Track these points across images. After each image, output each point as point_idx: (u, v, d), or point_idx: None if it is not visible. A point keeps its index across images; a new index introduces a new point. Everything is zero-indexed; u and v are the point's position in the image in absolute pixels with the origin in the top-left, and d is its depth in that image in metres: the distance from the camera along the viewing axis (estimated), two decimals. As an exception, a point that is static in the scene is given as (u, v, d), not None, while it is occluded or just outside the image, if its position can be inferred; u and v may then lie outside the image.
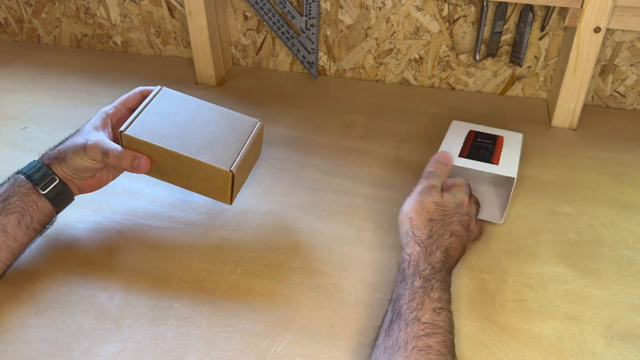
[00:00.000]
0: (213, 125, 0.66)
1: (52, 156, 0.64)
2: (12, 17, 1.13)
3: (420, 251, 0.56)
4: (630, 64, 0.89)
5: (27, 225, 0.61)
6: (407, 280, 0.53)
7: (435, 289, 0.53)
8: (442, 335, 0.49)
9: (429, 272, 0.54)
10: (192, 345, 0.57)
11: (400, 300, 0.52)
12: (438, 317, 0.51)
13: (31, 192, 0.62)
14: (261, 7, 0.95)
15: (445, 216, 0.59)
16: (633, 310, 0.60)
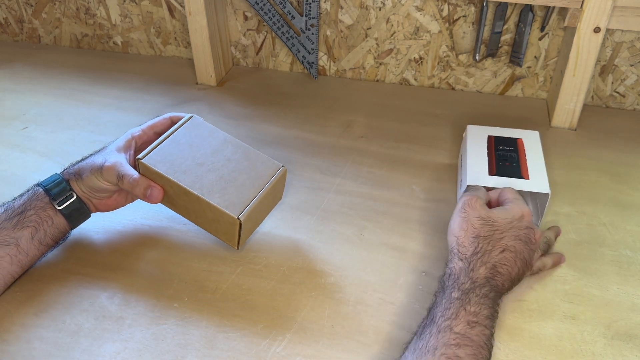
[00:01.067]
0: (234, 164, 0.64)
1: (71, 172, 0.64)
2: (12, 17, 1.13)
3: (462, 266, 0.55)
4: (630, 64, 0.89)
5: (39, 241, 0.61)
6: (445, 291, 0.54)
7: (472, 303, 0.52)
8: (474, 349, 0.49)
9: (468, 286, 0.53)
10: (192, 345, 0.57)
11: (436, 309, 0.52)
12: (472, 331, 0.50)
13: (48, 206, 0.61)
14: (261, 7, 0.95)
15: (495, 231, 0.57)
16: (633, 310, 0.60)
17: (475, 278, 0.54)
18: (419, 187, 0.77)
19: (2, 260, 0.59)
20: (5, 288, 0.61)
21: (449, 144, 0.85)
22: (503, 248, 0.56)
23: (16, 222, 0.60)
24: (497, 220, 0.58)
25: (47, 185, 0.62)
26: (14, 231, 0.59)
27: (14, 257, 0.59)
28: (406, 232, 0.70)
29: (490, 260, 0.55)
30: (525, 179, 0.67)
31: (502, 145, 0.72)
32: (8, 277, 0.60)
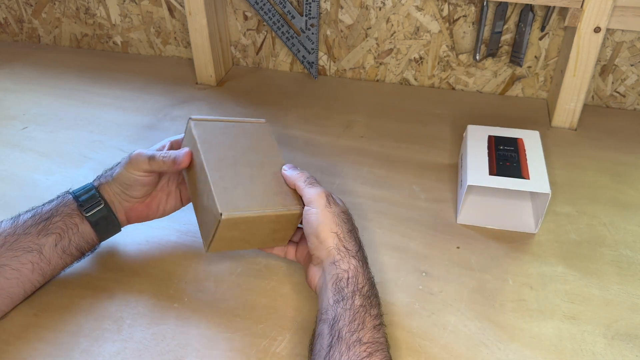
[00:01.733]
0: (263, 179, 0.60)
1: (102, 176, 0.63)
2: (12, 17, 1.13)
3: (357, 265, 0.53)
4: (630, 64, 0.89)
5: (63, 249, 0.59)
6: (345, 301, 0.50)
7: (374, 305, 0.51)
8: (383, 352, 0.48)
9: (368, 288, 0.52)
10: (192, 345, 0.57)
11: (340, 322, 0.49)
12: (378, 334, 0.49)
13: (75, 213, 0.60)
14: (261, 7, 0.95)
15: (354, 226, 0.57)
16: (633, 310, 0.60)
17: (369, 276, 0.53)
18: (419, 187, 0.77)
19: (24, 268, 0.57)
20: (25, 297, 0.60)
21: (449, 144, 0.85)
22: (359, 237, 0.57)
23: (42, 228, 0.58)
24: (347, 210, 0.57)
25: (77, 192, 0.61)
26: (38, 237, 0.57)
27: (36, 264, 0.58)
28: (406, 232, 0.70)
29: (365, 251, 0.56)
30: (526, 178, 0.67)
31: (502, 145, 0.72)
32: (28, 286, 0.59)
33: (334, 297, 0.51)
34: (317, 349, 0.49)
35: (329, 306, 0.51)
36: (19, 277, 0.57)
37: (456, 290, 0.62)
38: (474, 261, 0.66)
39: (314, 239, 0.55)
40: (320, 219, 0.55)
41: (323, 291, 0.53)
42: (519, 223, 0.70)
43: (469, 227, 0.71)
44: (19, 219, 0.59)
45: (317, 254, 0.55)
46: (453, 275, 0.64)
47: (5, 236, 0.57)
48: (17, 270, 0.56)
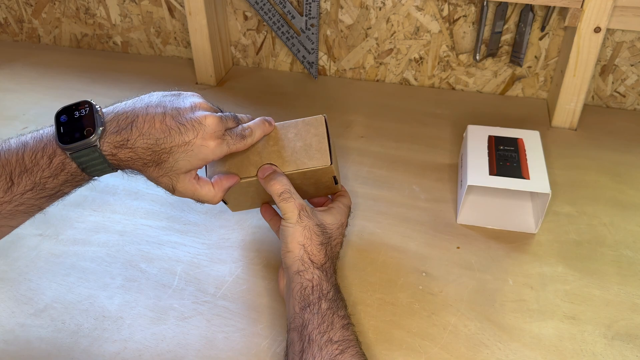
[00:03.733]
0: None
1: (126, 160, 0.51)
2: (12, 17, 1.13)
3: (321, 275, 0.54)
4: (631, 64, 0.89)
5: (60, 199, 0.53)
6: (312, 306, 0.51)
7: (340, 307, 0.52)
8: (355, 348, 0.49)
9: (333, 293, 0.53)
10: (192, 345, 0.57)
11: (309, 327, 0.50)
12: (347, 332, 0.50)
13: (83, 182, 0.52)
14: (261, 7, 0.95)
15: (330, 238, 0.58)
16: (633, 310, 0.60)
17: (335, 283, 0.55)
18: (419, 187, 0.77)
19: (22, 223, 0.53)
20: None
21: (449, 144, 0.85)
22: (337, 256, 0.59)
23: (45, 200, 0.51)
24: (330, 227, 0.58)
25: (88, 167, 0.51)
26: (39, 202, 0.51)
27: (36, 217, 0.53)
28: (406, 232, 0.70)
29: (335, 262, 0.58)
30: (526, 179, 0.67)
31: (502, 145, 0.72)
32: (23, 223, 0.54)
33: (300, 304, 0.52)
34: (290, 357, 0.50)
35: (296, 314, 0.52)
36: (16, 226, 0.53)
37: (456, 290, 0.62)
38: (474, 261, 0.66)
39: (283, 246, 0.56)
40: (289, 232, 0.56)
41: (288, 299, 0.55)
42: (519, 223, 0.70)
43: (469, 227, 0.71)
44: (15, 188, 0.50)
45: (284, 260, 0.56)
46: (453, 275, 0.64)
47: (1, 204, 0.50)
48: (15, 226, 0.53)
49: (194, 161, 0.53)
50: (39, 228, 0.70)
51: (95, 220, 0.72)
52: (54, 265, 0.66)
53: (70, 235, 0.70)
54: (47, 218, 0.72)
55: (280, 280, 0.59)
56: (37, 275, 0.64)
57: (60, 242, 0.69)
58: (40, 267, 0.65)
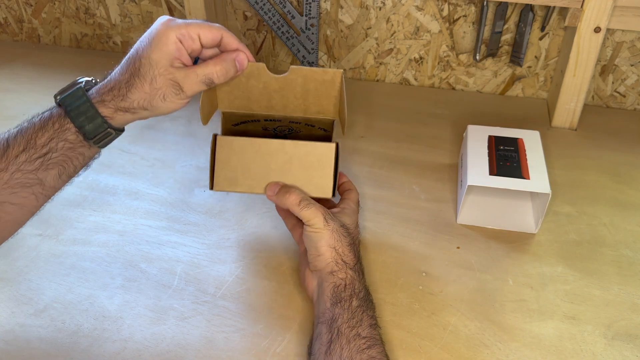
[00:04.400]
0: None
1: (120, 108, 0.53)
2: (12, 17, 1.13)
3: (354, 275, 0.55)
4: (631, 64, 0.89)
5: (68, 175, 0.55)
6: (343, 302, 0.53)
7: (370, 308, 0.54)
8: (380, 346, 0.51)
9: (364, 293, 0.55)
10: (192, 345, 0.57)
11: (339, 320, 0.51)
12: (374, 331, 0.52)
13: (79, 145, 0.53)
14: (261, 7, 0.95)
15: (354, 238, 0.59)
16: (633, 310, 0.60)
17: (365, 284, 0.56)
18: (419, 187, 0.77)
19: (26, 200, 0.53)
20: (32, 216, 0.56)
21: (449, 144, 0.85)
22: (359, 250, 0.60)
23: (39, 164, 0.51)
24: (350, 227, 0.59)
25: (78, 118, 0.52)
26: (36, 173, 0.52)
27: (39, 194, 0.53)
28: (406, 232, 0.70)
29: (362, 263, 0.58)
30: (526, 178, 0.67)
31: (502, 145, 0.72)
32: (34, 210, 0.55)
33: (331, 300, 0.53)
34: (317, 347, 0.51)
35: (327, 309, 0.53)
36: (22, 209, 0.53)
37: (456, 290, 0.62)
38: (474, 261, 0.66)
39: (313, 250, 0.57)
40: (318, 237, 0.56)
41: (320, 298, 0.55)
42: (519, 223, 0.70)
43: (469, 227, 0.71)
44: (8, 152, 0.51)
45: (315, 264, 0.57)
46: (453, 275, 0.64)
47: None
48: (19, 204, 0.52)
49: (161, 47, 0.53)
50: (39, 228, 0.70)
51: (95, 220, 0.72)
52: (54, 265, 0.66)
53: (70, 235, 0.70)
54: (47, 218, 0.72)
55: (309, 282, 0.58)
56: (37, 275, 0.64)
57: (60, 242, 0.69)
58: (40, 267, 0.65)
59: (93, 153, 0.57)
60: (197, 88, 0.56)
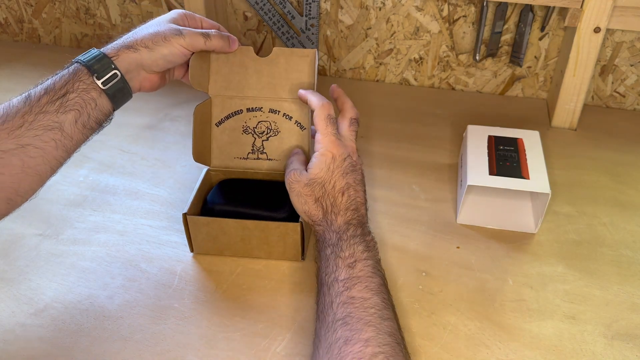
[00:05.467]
0: None
1: (123, 45, 0.59)
2: (12, 17, 1.13)
3: (322, 228, 0.57)
4: (630, 64, 0.89)
5: (83, 124, 0.57)
6: (320, 253, 0.56)
7: (344, 249, 0.54)
8: (363, 282, 0.51)
9: (335, 239, 0.56)
10: (192, 345, 0.57)
11: (320, 272, 0.54)
12: (353, 270, 0.52)
13: (91, 87, 0.57)
14: (261, 7, 0.95)
15: (324, 185, 0.58)
16: (633, 310, 0.60)
17: (336, 229, 0.56)
18: (419, 187, 0.77)
19: (47, 145, 0.55)
20: (52, 174, 0.58)
21: (449, 144, 0.85)
22: (342, 191, 0.58)
23: (59, 105, 0.56)
24: (318, 176, 0.58)
25: (88, 62, 0.58)
26: (57, 115, 0.55)
27: (58, 141, 0.56)
28: (406, 232, 0.70)
29: (340, 208, 0.57)
30: (526, 179, 0.67)
31: (502, 145, 0.72)
32: (54, 163, 0.57)
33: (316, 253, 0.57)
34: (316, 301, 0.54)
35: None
36: (43, 155, 0.55)
37: (456, 290, 0.62)
38: (474, 261, 0.66)
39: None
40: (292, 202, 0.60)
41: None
42: (519, 223, 0.71)
43: (469, 227, 0.71)
44: (32, 96, 0.57)
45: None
46: (453, 275, 0.64)
47: (23, 115, 0.55)
48: (41, 148, 0.55)
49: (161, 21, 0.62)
50: (39, 228, 0.70)
51: (95, 220, 0.72)
52: (54, 265, 0.66)
53: (70, 235, 0.70)
54: (47, 218, 0.72)
55: None
56: (37, 275, 0.64)
57: (60, 242, 0.69)
58: (41, 267, 0.65)
59: (105, 105, 0.59)
60: (195, 38, 0.61)
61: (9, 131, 0.54)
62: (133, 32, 0.61)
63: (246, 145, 0.68)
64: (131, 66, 0.60)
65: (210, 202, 0.66)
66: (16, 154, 0.54)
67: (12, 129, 0.54)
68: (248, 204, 0.65)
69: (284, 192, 0.65)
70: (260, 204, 0.65)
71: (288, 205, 0.64)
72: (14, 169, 0.54)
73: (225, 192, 0.67)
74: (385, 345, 0.47)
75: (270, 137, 0.68)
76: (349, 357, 0.46)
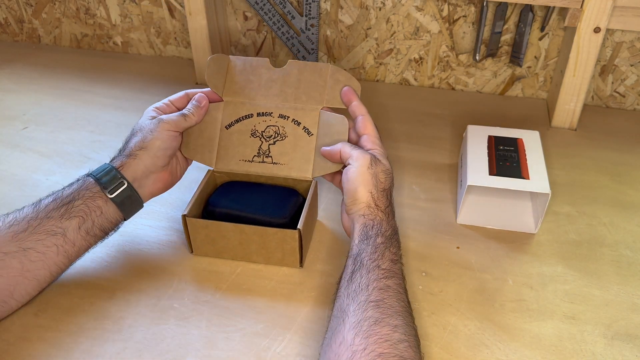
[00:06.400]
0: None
1: (123, 156, 0.63)
2: (12, 17, 1.13)
3: (383, 217, 0.59)
4: (630, 64, 0.89)
5: (87, 231, 0.59)
6: (369, 239, 0.57)
7: (394, 246, 0.57)
8: (399, 279, 0.54)
9: (390, 232, 0.58)
10: (192, 345, 0.57)
11: (362, 254, 0.55)
12: (395, 266, 0.55)
13: (97, 196, 0.60)
14: (261, 7, 0.95)
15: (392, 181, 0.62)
16: (633, 310, 0.60)
17: (393, 225, 0.59)
18: (419, 187, 0.77)
19: (49, 250, 0.58)
20: (52, 280, 0.60)
21: (449, 144, 0.85)
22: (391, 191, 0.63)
23: (64, 211, 0.58)
24: (389, 170, 0.62)
25: (97, 174, 0.61)
26: (61, 221, 0.58)
27: (60, 247, 0.58)
28: (406, 232, 0.70)
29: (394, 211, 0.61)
30: (526, 179, 0.67)
31: (502, 145, 0.72)
32: (54, 268, 0.59)
33: (359, 237, 0.57)
34: (342, 277, 0.56)
35: (354, 245, 0.57)
36: (44, 260, 0.57)
37: (456, 290, 0.62)
38: (474, 261, 0.66)
39: (351, 194, 0.60)
40: (359, 180, 0.60)
41: (351, 236, 0.59)
42: (519, 223, 0.71)
43: (469, 227, 0.71)
44: (40, 203, 0.59)
45: (351, 207, 0.60)
46: (453, 275, 0.64)
47: (29, 220, 0.57)
48: (42, 253, 0.57)
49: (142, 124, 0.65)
50: (39, 228, 0.70)
51: (96, 220, 0.72)
52: (54, 265, 0.66)
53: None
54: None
55: (345, 221, 0.63)
56: (37, 275, 0.64)
57: (61, 242, 0.69)
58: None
59: (112, 213, 0.61)
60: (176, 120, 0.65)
61: (13, 234, 0.56)
62: (127, 140, 0.65)
63: (252, 148, 0.68)
64: (137, 173, 0.62)
65: (213, 204, 0.66)
66: (17, 256, 0.56)
67: (17, 232, 0.56)
68: (250, 207, 0.65)
69: (286, 197, 0.65)
70: (262, 208, 0.65)
71: (290, 210, 0.64)
72: (13, 271, 0.56)
73: (228, 194, 0.67)
74: (411, 337, 0.49)
75: (277, 141, 0.68)
76: (377, 336, 0.48)
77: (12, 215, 0.58)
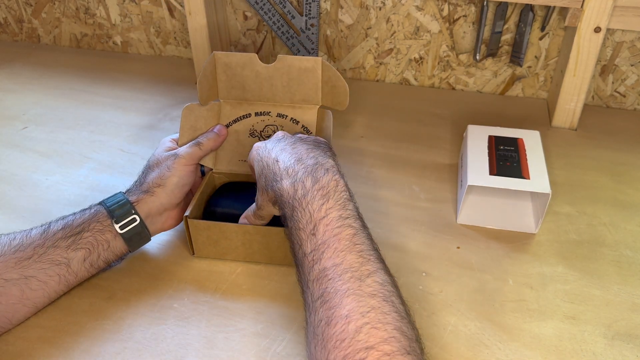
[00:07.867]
0: None
1: (140, 191, 0.63)
2: (12, 17, 1.13)
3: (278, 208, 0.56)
4: (631, 64, 0.89)
5: (91, 263, 0.59)
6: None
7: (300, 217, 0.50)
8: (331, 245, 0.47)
9: (289, 211, 0.51)
10: (192, 345, 0.57)
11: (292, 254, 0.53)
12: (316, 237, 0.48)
13: (107, 230, 0.59)
14: (261, 7, 0.95)
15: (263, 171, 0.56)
16: (633, 310, 0.60)
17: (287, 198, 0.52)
18: (419, 187, 0.77)
19: (51, 280, 0.57)
20: (49, 303, 0.60)
21: (449, 144, 0.85)
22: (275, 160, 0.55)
23: (71, 242, 0.58)
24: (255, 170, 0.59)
25: (111, 205, 0.60)
26: (67, 251, 0.58)
27: (62, 277, 0.58)
28: (406, 232, 0.70)
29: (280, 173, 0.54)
30: (526, 179, 0.67)
31: (502, 145, 0.72)
32: (53, 295, 0.59)
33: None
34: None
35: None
36: (44, 289, 0.57)
37: (456, 290, 0.62)
38: (474, 261, 0.66)
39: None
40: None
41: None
42: (519, 223, 0.70)
43: (469, 227, 0.71)
44: (49, 229, 0.58)
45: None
46: (453, 276, 0.64)
47: (34, 247, 0.57)
48: (44, 282, 0.57)
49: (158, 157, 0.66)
50: (39, 228, 0.70)
51: (95, 220, 0.72)
52: (54, 265, 0.66)
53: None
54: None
55: None
56: (37, 275, 0.64)
57: (60, 242, 0.69)
58: (40, 267, 0.65)
59: (118, 247, 0.61)
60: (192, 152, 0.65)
61: (17, 260, 0.55)
62: (144, 173, 0.65)
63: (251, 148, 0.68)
64: (152, 210, 0.62)
65: (213, 205, 0.66)
66: (17, 284, 0.55)
67: (22, 258, 0.56)
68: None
69: None
70: None
71: None
72: (12, 298, 0.56)
73: (227, 195, 0.67)
74: (369, 312, 0.42)
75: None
76: (332, 340, 0.42)
77: (19, 238, 0.57)
